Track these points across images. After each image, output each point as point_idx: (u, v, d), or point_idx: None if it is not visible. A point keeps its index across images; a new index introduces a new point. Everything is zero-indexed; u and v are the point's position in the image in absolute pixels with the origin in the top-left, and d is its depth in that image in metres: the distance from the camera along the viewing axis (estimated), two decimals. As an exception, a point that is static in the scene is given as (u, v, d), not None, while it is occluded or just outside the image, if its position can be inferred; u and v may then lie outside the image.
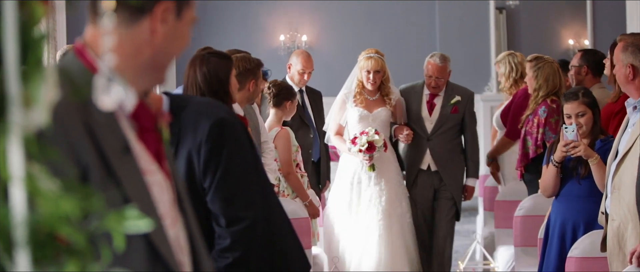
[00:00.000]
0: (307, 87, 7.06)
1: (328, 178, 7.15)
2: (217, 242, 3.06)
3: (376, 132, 6.43)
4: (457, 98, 6.77)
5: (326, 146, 7.02)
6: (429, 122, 6.78)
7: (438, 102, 6.80)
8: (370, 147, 6.42)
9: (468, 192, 6.93)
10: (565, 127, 4.98)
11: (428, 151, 6.76)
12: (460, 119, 6.80)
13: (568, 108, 5.06)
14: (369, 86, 6.63)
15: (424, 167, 6.80)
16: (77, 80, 1.60)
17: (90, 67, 1.61)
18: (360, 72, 6.68)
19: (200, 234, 1.86)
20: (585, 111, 5.02)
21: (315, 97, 7.11)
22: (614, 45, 5.13)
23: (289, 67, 6.98)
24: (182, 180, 1.84)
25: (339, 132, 6.76)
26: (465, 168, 6.89)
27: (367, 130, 6.44)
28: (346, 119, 6.74)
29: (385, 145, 6.50)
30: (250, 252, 3.08)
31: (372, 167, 6.57)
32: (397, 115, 6.78)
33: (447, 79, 6.80)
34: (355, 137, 6.47)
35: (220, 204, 3.03)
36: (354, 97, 6.68)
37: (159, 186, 1.70)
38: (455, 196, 6.83)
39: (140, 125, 1.68)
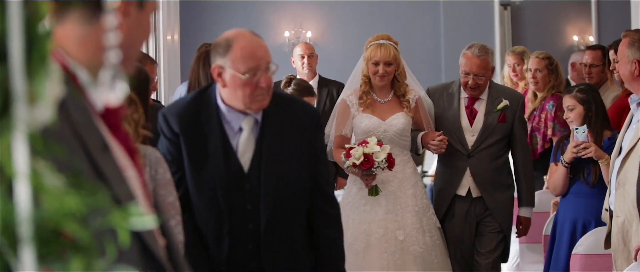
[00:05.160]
0: (320, 81, 6.90)
1: (339, 175, 6.48)
2: (327, 216, 3.41)
3: (379, 143, 4.83)
4: (505, 102, 5.22)
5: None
6: (470, 133, 5.22)
7: (480, 107, 5.25)
8: (367, 161, 4.79)
9: (523, 224, 5.34)
10: (576, 128, 5.03)
11: (468, 171, 5.19)
12: (509, 130, 5.24)
13: (563, 100, 5.28)
14: (376, 81, 5.05)
15: (462, 192, 5.22)
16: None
17: (62, 66, 1.62)
18: (366, 64, 5.09)
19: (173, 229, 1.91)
20: (574, 106, 5.11)
21: (335, 88, 6.79)
22: (617, 43, 5.13)
23: (293, 62, 6.91)
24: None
25: (342, 145, 5.06)
26: (517, 193, 5.34)
27: (369, 139, 4.88)
28: (352, 129, 5.16)
29: (390, 161, 4.82)
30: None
31: (374, 190, 4.97)
32: (418, 121, 5.18)
33: (490, 77, 5.26)
34: (351, 148, 4.88)
35: (328, 187, 3.45)
36: (359, 99, 5.10)
37: (135, 181, 1.72)
38: (504, 228, 5.23)
39: (109, 123, 1.69)
